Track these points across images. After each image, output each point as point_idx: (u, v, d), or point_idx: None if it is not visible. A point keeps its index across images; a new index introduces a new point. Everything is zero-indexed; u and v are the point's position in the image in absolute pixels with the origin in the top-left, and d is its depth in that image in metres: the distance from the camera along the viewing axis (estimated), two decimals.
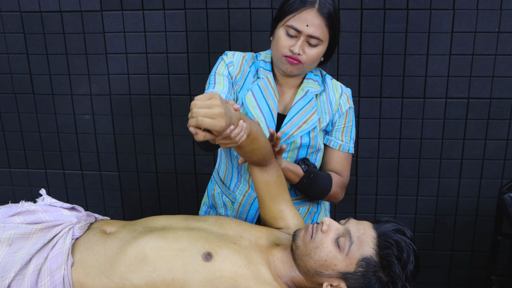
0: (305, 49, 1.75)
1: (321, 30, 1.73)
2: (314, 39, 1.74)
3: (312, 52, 1.76)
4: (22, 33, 2.87)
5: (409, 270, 1.42)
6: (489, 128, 2.75)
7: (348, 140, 1.97)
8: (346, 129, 1.96)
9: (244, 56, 1.94)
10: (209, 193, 2.15)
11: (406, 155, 2.84)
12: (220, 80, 1.89)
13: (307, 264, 1.46)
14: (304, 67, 1.80)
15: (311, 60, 1.78)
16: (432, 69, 2.68)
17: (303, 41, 1.74)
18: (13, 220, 1.55)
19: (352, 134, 1.98)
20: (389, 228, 1.46)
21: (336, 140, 1.96)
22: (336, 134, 1.96)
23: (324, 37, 1.75)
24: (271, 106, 1.87)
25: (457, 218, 2.93)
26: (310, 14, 1.72)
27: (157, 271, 1.43)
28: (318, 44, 1.76)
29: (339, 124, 1.95)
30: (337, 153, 1.97)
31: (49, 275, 1.45)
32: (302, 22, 1.72)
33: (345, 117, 1.95)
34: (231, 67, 1.91)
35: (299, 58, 1.76)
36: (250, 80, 1.91)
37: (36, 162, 3.14)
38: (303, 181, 1.87)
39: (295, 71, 1.81)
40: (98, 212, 2.93)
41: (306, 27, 1.72)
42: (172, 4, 2.73)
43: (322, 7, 1.73)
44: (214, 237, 1.51)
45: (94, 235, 1.55)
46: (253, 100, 1.87)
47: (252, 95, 1.88)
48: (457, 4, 2.57)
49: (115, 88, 2.91)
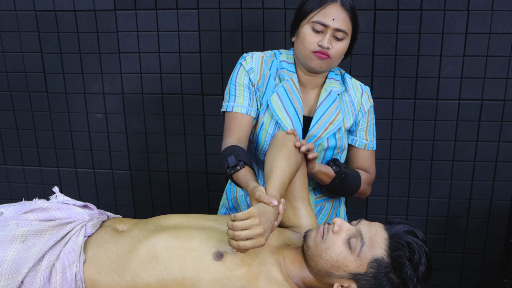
0: (332, 43, 1.77)
1: (346, 23, 1.76)
2: (340, 32, 1.76)
3: (339, 46, 1.78)
4: (37, 31, 2.89)
5: (421, 272, 1.41)
6: (502, 130, 2.73)
7: (371, 138, 2.00)
8: (369, 128, 1.99)
9: (263, 57, 1.92)
10: (230, 195, 2.14)
11: (418, 156, 2.83)
12: (240, 91, 1.87)
13: (318, 265, 1.45)
14: (332, 61, 1.81)
15: (339, 54, 1.80)
16: (446, 70, 2.66)
17: (330, 35, 1.76)
18: (27, 217, 1.56)
19: (374, 132, 2.02)
20: (401, 229, 1.46)
21: (361, 140, 1.99)
22: (360, 134, 1.98)
23: (349, 30, 1.79)
24: (297, 109, 1.86)
25: (469, 221, 2.91)
26: (334, 9, 1.75)
27: (168, 269, 1.44)
28: (344, 38, 1.78)
29: (362, 123, 1.97)
30: (362, 152, 2.00)
31: (62, 272, 1.46)
32: (328, 16, 1.75)
33: (368, 116, 1.97)
34: (252, 74, 1.88)
35: (328, 52, 1.77)
36: (272, 83, 1.90)
37: (49, 160, 3.16)
38: (334, 181, 1.88)
39: (324, 66, 1.81)
40: (110, 210, 2.95)
41: (332, 21, 1.74)
42: (185, 3, 2.73)
43: (345, 1, 1.76)
44: (225, 237, 1.51)
45: (106, 233, 1.56)
46: (279, 102, 1.86)
47: (278, 97, 1.87)
48: (471, 5, 2.55)
49: (127, 87, 2.92)
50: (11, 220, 1.55)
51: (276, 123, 1.87)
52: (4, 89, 3.04)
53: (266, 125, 1.89)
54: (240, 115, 1.85)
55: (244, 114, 1.85)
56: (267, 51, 1.96)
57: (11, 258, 1.45)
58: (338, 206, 2.08)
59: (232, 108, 1.86)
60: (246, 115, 1.85)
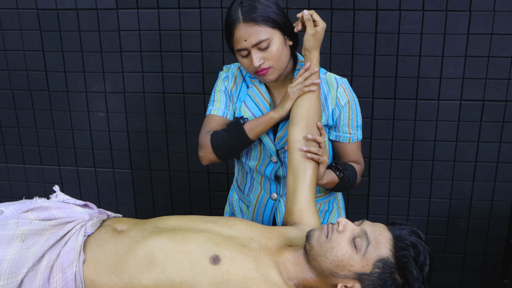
0: (262, 56, 1.75)
1: (258, 33, 1.72)
2: (261, 43, 1.73)
3: (269, 52, 1.75)
4: (38, 30, 2.89)
5: (425, 272, 1.42)
6: (504, 131, 2.72)
7: (355, 130, 1.96)
8: (352, 121, 1.94)
9: (240, 66, 1.98)
10: (229, 201, 2.19)
11: (420, 157, 2.82)
12: (218, 97, 1.97)
13: (322, 265, 1.44)
14: (275, 67, 1.78)
15: (275, 58, 1.76)
16: (447, 71, 2.66)
17: (255, 52, 1.74)
18: (27, 216, 1.57)
19: (358, 123, 1.96)
20: (405, 230, 1.45)
21: (344, 135, 1.96)
22: (343, 129, 1.95)
23: (268, 33, 1.73)
24: (263, 111, 1.91)
25: (470, 221, 2.91)
26: (240, 30, 1.73)
27: (165, 273, 1.44)
28: (269, 43, 1.74)
29: (343, 118, 1.92)
30: (349, 145, 1.97)
31: (61, 271, 1.46)
32: (240, 41, 1.74)
33: (348, 110, 1.92)
34: (226, 82, 1.97)
35: (264, 66, 1.76)
36: (244, 89, 1.95)
37: (50, 158, 3.16)
38: (338, 186, 1.89)
39: (271, 76, 1.81)
40: (111, 210, 2.95)
41: (245, 42, 1.73)
42: (187, 2, 2.73)
43: (245, 15, 1.72)
44: (223, 239, 1.50)
45: (105, 232, 1.56)
46: (247, 110, 1.92)
47: (245, 106, 1.93)
48: (473, 5, 2.55)
49: (129, 86, 2.93)
50: (11, 219, 1.55)
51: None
52: (5, 88, 3.04)
53: None
54: (218, 117, 1.96)
55: (220, 116, 1.95)
56: None
57: (10, 258, 1.45)
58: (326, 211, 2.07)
59: (210, 111, 1.97)
60: (222, 117, 1.95)
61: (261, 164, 1.97)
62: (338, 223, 1.46)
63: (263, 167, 1.97)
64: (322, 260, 1.44)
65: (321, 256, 1.44)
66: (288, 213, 1.73)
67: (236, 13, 1.73)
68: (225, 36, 1.81)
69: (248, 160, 1.99)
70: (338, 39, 2.68)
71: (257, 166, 1.98)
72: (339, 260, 1.42)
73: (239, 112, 1.94)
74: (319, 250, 1.45)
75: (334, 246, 1.43)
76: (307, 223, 1.68)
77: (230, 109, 1.96)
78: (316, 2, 2.63)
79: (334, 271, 1.44)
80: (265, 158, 1.95)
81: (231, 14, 1.75)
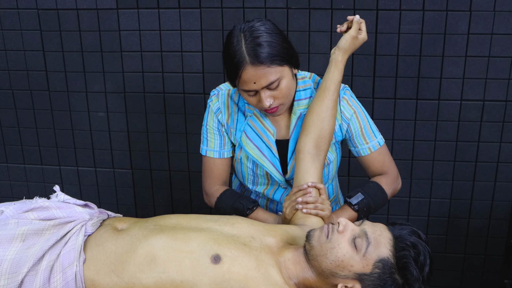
0: (272, 95, 1.68)
1: (268, 75, 1.63)
2: (271, 84, 1.65)
3: (279, 90, 1.67)
4: (39, 30, 2.89)
5: (425, 272, 1.42)
6: (504, 131, 2.72)
7: (372, 137, 1.86)
8: (365, 130, 1.85)
9: (229, 92, 1.88)
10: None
11: (420, 157, 2.82)
12: (211, 135, 1.90)
13: (322, 265, 1.44)
14: (285, 103, 1.73)
15: (285, 95, 1.70)
16: (447, 71, 2.66)
17: (265, 92, 1.66)
18: (27, 216, 1.57)
19: (372, 128, 1.87)
20: (405, 230, 1.45)
21: (362, 147, 1.87)
22: (359, 140, 1.86)
23: (277, 73, 1.65)
24: (268, 143, 1.83)
25: (471, 221, 2.91)
26: (248, 73, 1.62)
27: (166, 272, 1.43)
28: (279, 82, 1.66)
29: (355, 129, 1.85)
30: (371, 156, 1.88)
31: (61, 271, 1.46)
32: (248, 83, 1.64)
33: (357, 120, 1.84)
34: (220, 115, 1.87)
35: (274, 105, 1.70)
36: (242, 118, 1.86)
37: (50, 158, 3.16)
38: (361, 216, 1.80)
39: (281, 111, 1.75)
40: (111, 209, 2.94)
41: (254, 84, 1.64)
42: (187, 2, 2.73)
43: (253, 56, 1.61)
44: (224, 238, 1.50)
45: (105, 231, 1.56)
46: (248, 141, 1.84)
47: (246, 137, 1.84)
48: (474, 5, 2.55)
49: (129, 86, 2.93)
50: (12, 219, 1.55)
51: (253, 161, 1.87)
52: (6, 88, 3.04)
53: (244, 160, 1.89)
54: (216, 160, 1.91)
55: (218, 159, 1.90)
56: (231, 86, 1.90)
57: (11, 258, 1.45)
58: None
59: (206, 152, 1.92)
60: (220, 159, 1.91)
61: (269, 189, 1.92)
62: (339, 223, 1.46)
63: (271, 191, 1.92)
64: (322, 260, 1.44)
65: (321, 256, 1.44)
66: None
67: (241, 53, 1.62)
68: (228, 73, 1.69)
69: (254, 186, 1.94)
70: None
71: (265, 191, 1.93)
72: (339, 261, 1.42)
73: (240, 142, 1.85)
74: (319, 250, 1.45)
75: (334, 246, 1.43)
76: (310, 224, 1.68)
77: (226, 147, 1.89)
78: (316, 2, 2.63)
79: (334, 271, 1.43)
80: (273, 183, 1.90)
81: (234, 52, 1.63)
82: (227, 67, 1.68)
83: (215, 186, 1.91)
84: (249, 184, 1.95)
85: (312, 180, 1.73)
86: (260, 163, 1.84)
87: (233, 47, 1.63)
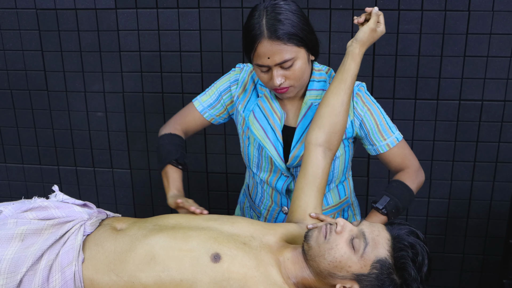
0: (284, 74, 1.66)
1: (284, 52, 1.62)
2: (285, 62, 1.64)
3: (292, 71, 1.66)
4: (37, 30, 2.89)
5: (424, 272, 1.42)
6: (502, 131, 2.73)
7: (390, 133, 1.83)
8: (382, 126, 1.82)
9: (252, 70, 1.88)
10: (240, 205, 2.15)
11: (419, 156, 2.80)
12: (211, 92, 1.92)
13: (320, 265, 1.44)
14: (296, 85, 1.71)
15: (298, 77, 1.68)
16: (446, 71, 2.66)
17: (277, 70, 1.65)
18: (26, 215, 1.56)
19: (389, 124, 1.83)
20: (403, 230, 1.45)
21: (380, 144, 1.83)
22: (376, 137, 1.83)
23: (293, 53, 1.64)
24: (273, 126, 1.82)
25: (469, 221, 2.91)
26: (264, 46, 1.61)
27: (166, 271, 1.43)
28: (293, 62, 1.65)
29: (370, 127, 1.81)
30: (390, 153, 1.85)
31: (60, 271, 1.46)
32: (262, 57, 1.63)
33: (372, 117, 1.80)
34: (234, 87, 1.88)
35: (285, 85, 1.68)
36: (254, 99, 1.86)
37: (49, 158, 3.16)
38: (391, 218, 1.77)
39: (291, 94, 1.74)
40: (110, 209, 2.94)
41: (268, 59, 1.63)
42: (186, 2, 2.73)
43: (271, 31, 1.60)
44: (224, 237, 1.50)
45: (104, 231, 1.56)
46: (255, 121, 1.83)
47: (253, 117, 1.84)
48: (472, 5, 2.55)
49: (128, 86, 2.92)
50: (10, 218, 1.55)
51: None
52: (4, 87, 3.04)
53: (251, 140, 1.88)
54: (196, 112, 1.95)
55: (199, 112, 1.94)
56: None
57: (10, 257, 1.45)
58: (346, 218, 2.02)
59: (195, 100, 1.95)
60: (200, 113, 1.94)
61: (273, 177, 1.90)
62: (336, 223, 1.46)
63: (274, 179, 1.90)
64: (320, 260, 1.44)
65: (319, 257, 1.44)
66: (292, 212, 1.72)
67: (260, 26, 1.61)
68: (244, 46, 1.69)
69: (259, 171, 1.92)
70: (337, 39, 2.68)
71: (268, 178, 1.92)
72: (337, 261, 1.42)
73: (246, 121, 1.84)
74: (317, 250, 1.45)
75: (332, 247, 1.43)
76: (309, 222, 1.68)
77: (214, 111, 1.92)
78: (315, 2, 2.63)
79: (332, 272, 1.44)
80: (276, 171, 1.88)
81: (253, 25, 1.63)
82: (245, 40, 1.68)
83: (177, 126, 1.96)
84: (253, 167, 1.93)
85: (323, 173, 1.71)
86: (263, 144, 1.82)
87: (253, 20, 1.64)
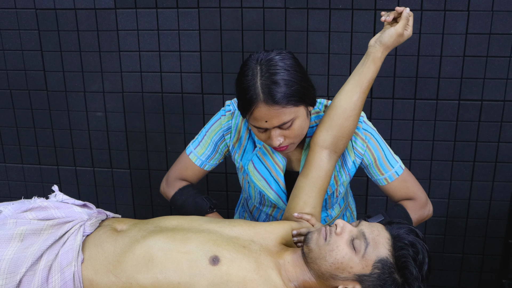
0: (283, 134, 1.59)
1: (282, 115, 1.53)
2: (283, 125, 1.56)
3: (291, 130, 1.59)
4: (37, 30, 2.89)
5: (424, 271, 1.42)
6: (502, 131, 2.73)
7: (388, 168, 1.78)
8: (379, 162, 1.77)
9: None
10: (241, 216, 2.13)
11: (418, 156, 2.83)
12: (206, 143, 1.83)
13: (322, 267, 1.44)
14: (296, 142, 1.65)
15: (297, 135, 1.62)
16: (446, 71, 2.66)
17: (275, 131, 1.58)
18: (25, 216, 1.56)
19: (388, 158, 1.78)
20: (402, 229, 1.45)
21: (378, 177, 1.80)
22: (374, 172, 1.80)
23: (292, 114, 1.55)
24: (276, 178, 1.78)
25: (469, 221, 2.91)
26: (261, 111, 1.53)
27: (164, 273, 1.42)
28: (292, 122, 1.57)
29: (368, 162, 1.78)
30: (389, 186, 1.80)
31: (60, 271, 1.46)
32: (260, 121, 1.55)
33: (370, 153, 1.77)
34: (227, 135, 1.79)
35: (284, 144, 1.62)
36: (251, 148, 1.79)
37: (48, 158, 3.16)
38: None
39: (291, 149, 1.68)
40: (109, 209, 2.94)
41: (266, 123, 1.55)
42: (185, 2, 2.73)
43: (268, 95, 1.51)
44: (223, 240, 1.49)
45: (104, 232, 1.55)
46: (256, 172, 1.78)
47: (253, 167, 1.78)
48: (472, 5, 2.55)
49: (127, 86, 2.92)
50: (10, 218, 1.55)
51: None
52: (4, 87, 3.04)
53: (252, 185, 1.84)
54: (195, 166, 1.87)
55: (199, 167, 1.87)
56: None
57: (9, 257, 1.44)
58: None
59: (191, 154, 1.87)
60: (199, 167, 1.87)
61: (277, 212, 1.87)
62: (336, 225, 1.46)
63: (279, 214, 1.87)
64: (322, 263, 1.43)
65: (320, 259, 1.43)
66: (290, 209, 1.72)
67: (255, 89, 1.52)
68: (240, 106, 1.59)
69: (261, 206, 1.90)
70: (337, 39, 2.68)
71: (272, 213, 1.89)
72: (338, 263, 1.42)
73: (246, 170, 1.79)
74: (318, 253, 1.44)
75: (333, 248, 1.42)
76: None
77: (212, 161, 1.85)
78: (314, 2, 2.63)
79: (334, 274, 1.43)
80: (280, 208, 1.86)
81: (248, 87, 1.53)
82: (239, 100, 1.58)
83: (179, 181, 1.88)
84: (256, 203, 1.92)
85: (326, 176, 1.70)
86: (265, 193, 1.80)
87: (247, 81, 1.54)
